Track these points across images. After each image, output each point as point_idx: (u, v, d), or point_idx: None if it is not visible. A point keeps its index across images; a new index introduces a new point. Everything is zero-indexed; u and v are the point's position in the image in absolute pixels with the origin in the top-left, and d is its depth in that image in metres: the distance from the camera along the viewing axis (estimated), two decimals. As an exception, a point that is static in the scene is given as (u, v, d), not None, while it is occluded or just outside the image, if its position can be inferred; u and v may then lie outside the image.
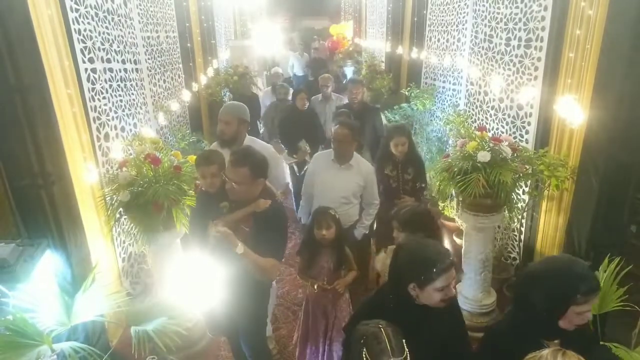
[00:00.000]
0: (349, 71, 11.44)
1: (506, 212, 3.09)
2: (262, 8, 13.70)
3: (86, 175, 2.83)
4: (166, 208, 2.61)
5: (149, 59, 4.67)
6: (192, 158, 2.96)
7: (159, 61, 5.03)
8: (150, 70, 4.69)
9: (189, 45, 5.90)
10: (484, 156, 2.79)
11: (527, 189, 3.33)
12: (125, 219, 2.89)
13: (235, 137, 3.05)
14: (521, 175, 2.89)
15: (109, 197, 2.78)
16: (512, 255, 4.03)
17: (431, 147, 5.31)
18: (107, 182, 2.80)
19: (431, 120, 5.91)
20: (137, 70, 4.25)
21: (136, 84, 4.21)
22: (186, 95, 5.45)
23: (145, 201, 2.63)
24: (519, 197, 3.16)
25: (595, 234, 2.80)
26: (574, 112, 2.78)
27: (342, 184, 3.24)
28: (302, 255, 2.85)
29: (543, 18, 3.42)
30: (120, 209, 2.75)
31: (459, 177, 2.90)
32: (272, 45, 11.51)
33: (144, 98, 4.42)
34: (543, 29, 3.43)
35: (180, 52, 5.90)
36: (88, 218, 2.80)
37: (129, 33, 4.11)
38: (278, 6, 14.85)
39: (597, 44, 2.61)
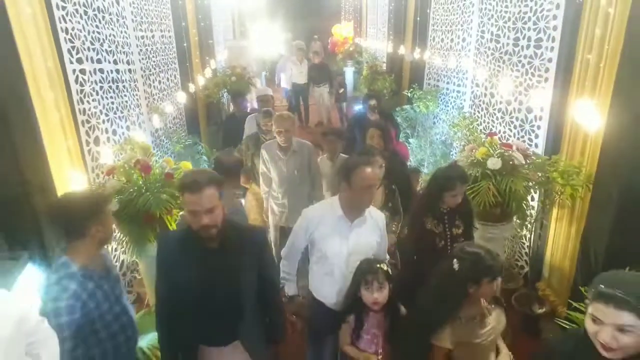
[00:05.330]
0: (349, 72, 11.28)
1: (516, 221, 2.93)
2: (261, 7, 13.51)
3: (72, 183, 2.66)
4: (158, 218, 2.45)
5: (143, 59, 4.51)
6: (186, 164, 2.81)
7: (154, 61, 4.87)
8: (144, 71, 4.53)
9: (185, 45, 5.73)
10: (494, 163, 2.63)
11: (537, 197, 3.16)
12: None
13: None
14: (533, 183, 2.73)
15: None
16: (519, 264, 3.87)
17: (435, 151, 5.14)
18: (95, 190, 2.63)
19: (434, 123, 5.75)
20: (130, 70, 4.09)
21: (129, 85, 4.04)
22: (182, 97, 5.28)
23: (135, 211, 2.47)
24: (528, 205, 3.00)
25: (613, 245, 2.64)
26: (590, 116, 2.62)
27: (360, 248, 2.23)
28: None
29: (555, 17, 3.26)
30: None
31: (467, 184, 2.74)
32: (272, 47, 11.33)
33: (137, 100, 4.25)
34: (555, 28, 3.27)
35: (176, 52, 5.74)
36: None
37: (121, 32, 3.95)
38: (278, 5, 14.66)
39: (617, 44, 2.45)
